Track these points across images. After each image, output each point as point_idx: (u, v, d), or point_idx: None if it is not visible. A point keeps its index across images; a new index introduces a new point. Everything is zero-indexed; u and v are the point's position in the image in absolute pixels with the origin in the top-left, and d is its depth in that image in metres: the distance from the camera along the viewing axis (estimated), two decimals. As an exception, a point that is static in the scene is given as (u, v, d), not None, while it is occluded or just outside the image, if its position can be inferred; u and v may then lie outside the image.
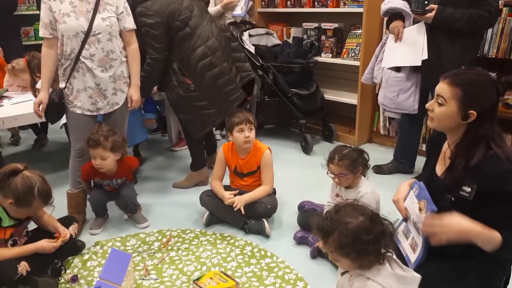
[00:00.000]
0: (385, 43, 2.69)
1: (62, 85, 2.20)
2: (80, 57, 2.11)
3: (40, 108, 2.17)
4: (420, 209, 1.43)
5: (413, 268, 1.38)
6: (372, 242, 1.18)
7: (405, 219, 1.54)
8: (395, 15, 2.57)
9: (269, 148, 2.35)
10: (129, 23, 2.24)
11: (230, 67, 2.68)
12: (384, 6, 2.60)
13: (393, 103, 2.66)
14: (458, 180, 1.34)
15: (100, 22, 2.11)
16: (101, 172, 2.25)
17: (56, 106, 2.19)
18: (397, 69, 2.61)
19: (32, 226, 2.01)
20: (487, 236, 1.25)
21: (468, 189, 1.32)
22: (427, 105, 1.43)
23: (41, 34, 2.14)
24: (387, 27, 2.65)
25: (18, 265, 1.74)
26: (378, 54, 2.77)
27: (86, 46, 2.10)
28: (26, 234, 1.95)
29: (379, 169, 2.96)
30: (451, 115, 1.35)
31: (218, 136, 3.66)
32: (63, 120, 2.46)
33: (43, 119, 2.29)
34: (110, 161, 2.21)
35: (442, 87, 1.37)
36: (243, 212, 2.17)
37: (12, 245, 1.86)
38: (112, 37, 2.15)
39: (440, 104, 1.37)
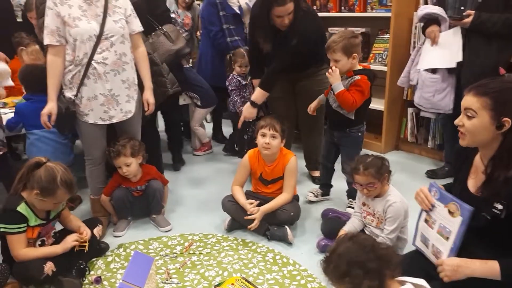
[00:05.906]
0: (420, 47, 2.79)
1: (69, 94, 2.12)
2: (92, 62, 2.05)
3: (51, 119, 2.07)
4: (451, 212, 1.38)
5: None
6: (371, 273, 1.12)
7: (427, 210, 1.49)
8: (431, 20, 2.66)
9: (295, 155, 2.32)
10: (137, 25, 2.23)
11: None
12: (420, 12, 2.70)
13: (429, 103, 2.74)
14: (497, 194, 1.28)
15: (113, 24, 2.08)
16: (127, 180, 2.35)
17: (68, 115, 2.12)
18: (433, 70, 2.68)
19: (58, 227, 2.05)
20: (486, 273, 1.28)
21: (500, 207, 1.27)
22: (456, 121, 1.37)
23: (46, 41, 2.04)
24: (423, 32, 2.74)
25: (44, 265, 1.78)
26: (414, 58, 2.85)
27: (98, 50, 2.05)
28: (53, 235, 1.99)
29: (433, 174, 2.98)
30: (484, 127, 1.29)
31: None
32: None
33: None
34: (134, 166, 2.31)
35: (469, 100, 1.32)
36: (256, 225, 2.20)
37: (41, 245, 1.91)
38: (124, 39, 2.13)
39: (470, 117, 1.32)
